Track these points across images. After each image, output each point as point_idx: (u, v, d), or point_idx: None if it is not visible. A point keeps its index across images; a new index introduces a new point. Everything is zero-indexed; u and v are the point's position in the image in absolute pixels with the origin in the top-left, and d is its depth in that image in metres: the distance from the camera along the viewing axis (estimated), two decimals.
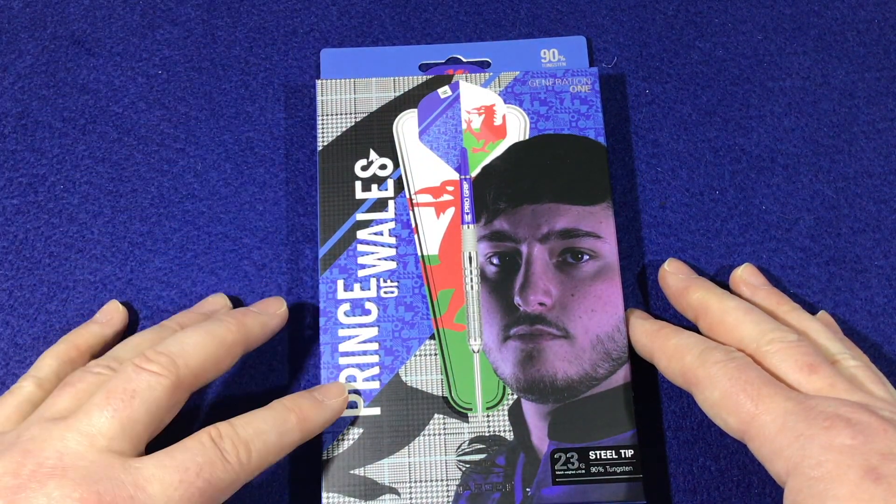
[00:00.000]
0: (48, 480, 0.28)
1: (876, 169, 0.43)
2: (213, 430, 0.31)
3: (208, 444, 0.31)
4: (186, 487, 0.30)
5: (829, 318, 0.38)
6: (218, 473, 0.30)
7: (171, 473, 0.30)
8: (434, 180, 0.40)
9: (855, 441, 0.29)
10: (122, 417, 0.30)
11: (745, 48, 0.45)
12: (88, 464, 0.29)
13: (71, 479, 0.29)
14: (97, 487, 0.29)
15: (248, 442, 0.32)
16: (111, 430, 0.30)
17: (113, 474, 0.29)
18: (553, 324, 0.37)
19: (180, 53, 0.45)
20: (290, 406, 0.34)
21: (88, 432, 0.30)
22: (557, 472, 0.36)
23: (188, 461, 0.30)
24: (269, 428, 0.33)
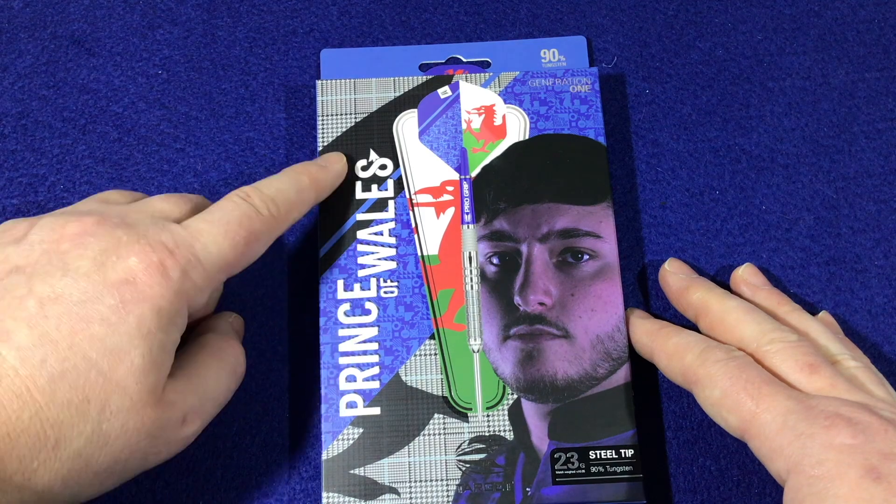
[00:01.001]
0: (116, 229, 0.31)
1: (876, 169, 0.43)
2: (240, 191, 0.35)
3: (241, 202, 0.34)
4: (232, 236, 0.33)
5: (830, 318, 0.38)
6: (255, 224, 0.34)
7: (217, 227, 0.33)
8: (434, 180, 0.40)
9: (855, 440, 0.29)
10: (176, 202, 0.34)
11: (745, 48, 0.45)
12: (149, 223, 0.32)
13: (136, 230, 0.31)
14: (161, 237, 0.31)
15: (273, 197, 0.35)
16: (167, 208, 0.34)
17: (171, 229, 0.32)
18: (553, 323, 0.38)
19: (180, 53, 0.45)
20: (300, 170, 0.37)
21: (145, 209, 0.34)
22: (557, 472, 0.36)
23: (228, 216, 0.33)
24: (288, 187, 0.36)
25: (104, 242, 0.30)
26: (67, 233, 0.31)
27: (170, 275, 0.30)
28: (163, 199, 0.34)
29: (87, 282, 0.29)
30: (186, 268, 0.31)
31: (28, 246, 0.30)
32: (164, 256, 0.31)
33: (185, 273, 0.31)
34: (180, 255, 0.31)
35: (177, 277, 0.31)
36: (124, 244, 0.30)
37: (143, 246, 0.31)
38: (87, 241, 0.30)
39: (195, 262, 0.32)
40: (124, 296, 0.29)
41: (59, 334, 0.28)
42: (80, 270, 0.29)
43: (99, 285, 0.29)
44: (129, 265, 0.30)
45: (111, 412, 0.29)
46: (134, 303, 0.29)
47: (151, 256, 0.30)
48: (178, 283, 0.31)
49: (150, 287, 0.30)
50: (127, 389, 0.29)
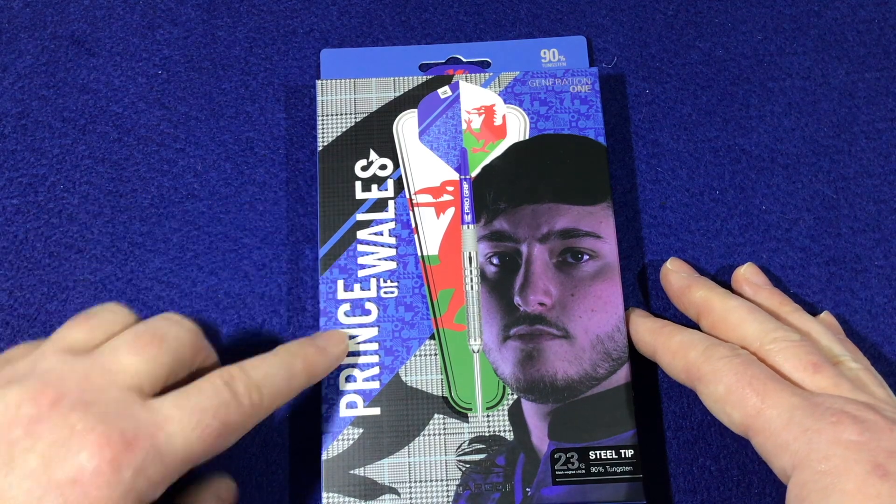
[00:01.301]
0: (70, 413, 0.28)
1: (876, 169, 0.43)
2: (225, 372, 0.31)
3: (221, 387, 0.31)
4: (203, 428, 0.30)
5: (831, 318, 0.38)
6: (232, 415, 0.30)
7: (188, 415, 0.29)
8: (434, 180, 0.40)
9: (862, 437, 0.29)
10: (149, 358, 0.30)
11: (745, 48, 0.45)
12: (110, 400, 0.29)
13: (94, 414, 0.28)
14: (120, 425, 0.28)
15: (260, 385, 0.32)
16: (136, 370, 0.30)
17: (134, 413, 0.29)
18: (553, 324, 0.38)
19: (180, 53, 0.45)
20: (295, 352, 0.34)
21: (112, 369, 0.30)
22: (557, 472, 0.36)
23: (204, 402, 0.30)
24: (278, 372, 0.33)
25: (56, 433, 0.28)
26: (21, 415, 0.28)
27: (121, 474, 0.27)
28: (132, 346, 0.30)
29: (32, 482, 0.27)
30: (143, 464, 0.28)
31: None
32: (118, 451, 0.28)
33: (139, 471, 0.28)
34: (138, 448, 0.28)
35: (128, 477, 0.28)
36: (77, 434, 0.27)
37: (97, 437, 0.28)
38: (38, 430, 0.28)
39: (154, 457, 0.28)
40: (68, 499, 0.27)
41: None
42: (27, 467, 0.27)
43: (43, 486, 0.27)
44: (79, 462, 0.27)
45: None
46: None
47: (104, 452, 0.27)
48: (129, 482, 0.28)
49: (98, 489, 0.27)
50: None
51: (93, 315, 0.32)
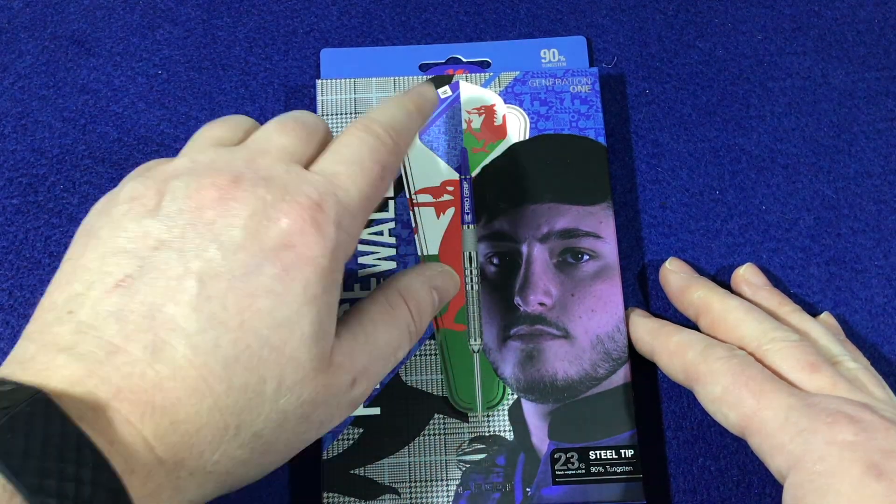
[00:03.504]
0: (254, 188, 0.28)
1: (876, 169, 0.43)
2: (359, 123, 0.32)
3: (364, 135, 0.31)
4: (368, 173, 0.30)
5: (831, 319, 0.38)
6: (384, 155, 0.31)
7: (350, 166, 0.30)
8: (434, 180, 0.40)
9: (858, 438, 0.29)
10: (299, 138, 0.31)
11: (745, 48, 0.45)
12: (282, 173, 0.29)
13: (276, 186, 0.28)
14: (304, 190, 0.28)
15: (391, 125, 0.32)
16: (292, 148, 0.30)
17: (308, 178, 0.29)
18: (553, 324, 0.38)
19: (180, 53, 0.45)
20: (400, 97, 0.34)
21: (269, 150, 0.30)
22: (557, 472, 0.36)
23: (358, 152, 0.30)
24: (399, 112, 0.33)
25: (249, 206, 0.27)
26: (206, 199, 0.27)
27: (325, 231, 0.28)
28: (280, 131, 0.31)
29: (245, 253, 0.27)
30: (338, 218, 0.28)
31: (167, 218, 0.27)
32: (314, 212, 0.28)
33: (338, 225, 0.28)
34: (328, 206, 0.28)
35: (332, 233, 0.28)
36: (270, 204, 0.27)
37: (290, 204, 0.28)
38: (230, 206, 0.27)
39: (343, 211, 0.29)
40: (285, 262, 0.27)
41: (227, 314, 0.26)
42: (234, 241, 0.27)
43: (257, 255, 0.27)
44: (283, 228, 0.27)
45: (286, 388, 0.27)
46: (296, 268, 0.27)
47: (303, 214, 0.28)
48: (334, 238, 0.28)
49: (309, 248, 0.27)
50: (300, 361, 0.27)
51: (224, 119, 0.33)
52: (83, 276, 0.27)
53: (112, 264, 0.27)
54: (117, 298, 0.26)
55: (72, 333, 0.25)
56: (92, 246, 0.28)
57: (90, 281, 0.27)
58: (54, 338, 0.26)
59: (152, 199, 0.28)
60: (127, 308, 0.26)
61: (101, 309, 0.26)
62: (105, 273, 0.27)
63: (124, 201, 0.28)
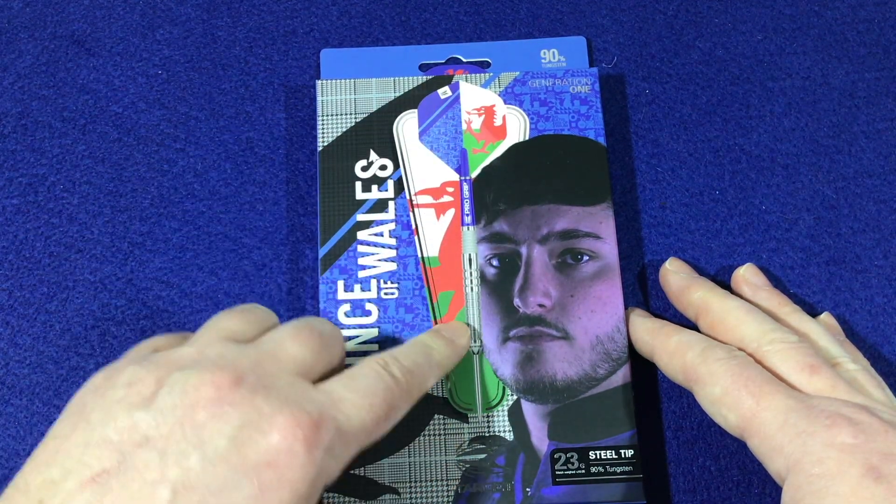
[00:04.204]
0: (253, 396, 0.27)
1: (876, 169, 0.43)
2: (379, 359, 0.32)
3: (382, 371, 0.31)
4: (374, 410, 0.30)
5: (831, 320, 0.38)
6: (395, 398, 0.31)
7: (360, 397, 0.30)
8: (434, 181, 0.40)
9: (856, 440, 0.29)
10: (312, 350, 0.31)
11: (745, 48, 0.45)
12: (286, 385, 0.29)
13: (276, 396, 0.28)
14: (305, 407, 0.28)
15: (411, 370, 0.32)
16: (302, 359, 0.30)
17: (312, 395, 0.29)
18: (552, 325, 0.38)
19: (180, 53, 0.45)
20: (429, 343, 0.35)
21: (279, 357, 0.30)
22: (557, 472, 0.36)
23: (371, 385, 0.30)
24: (421, 360, 0.33)
25: (243, 414, 0.27)
26: (202, 398, 0.27)
27: (312, 455, 0.27)
28: (294, 338, 0.31)
29: (225, 466, 0.26)
30: (331, 444, 0.28)
31: (159, 413, 0.27)
32: (309, 432, 0.27)
33: (328, 450, 0.28)
34: (325, 428, 0.28)
35: (320, 457, 0.27)
36: (266, 417, 0.27)
37: (286, 418, 0.27)
38: (224, 411, 0.27)
39: (338, 437, 0.28)
40: (263, 482, 0.26)
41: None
42: (218, 451, 0.26)
43: (238, 470, 0.26)
44: (271, 444, 0.27)
45: None
46: (273, 490, 0.26)
47: (296, 433, 0.27)
48: (320, 462, 0.27)
49: (292, 470, 0.27)
50: None
51: (244, 310, 0.33)
52: (63, 462, 0.27)
53: (93, 455, 0.26)
54: (90, 494, 0.26)
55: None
56: (81, 429, 0.27)
57: (68, 469, 0.26)
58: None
59: (150, 387, 0.28)
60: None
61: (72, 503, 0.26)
62: (84, 464, 0.26)
63: (122, 385, 0.28)
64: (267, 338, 0.31)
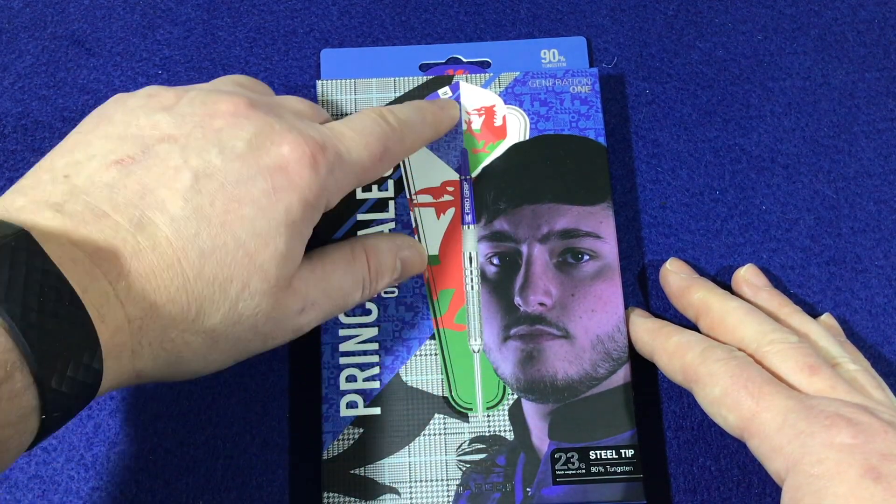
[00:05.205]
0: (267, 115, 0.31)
1: (876, 169, 0.43)
2: (377, 109, 0.35)
3: (378, 119, 0.34)
4: (371, 148, 0.33)
5: (832, 320, 0.38)
6: (390, 142, 0.34)
7: (359, 134, 0.33)
8: (434, 181, 0.40)
9: (856, 440, 0.29)
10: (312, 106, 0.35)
11: (745, 48, 0.45)
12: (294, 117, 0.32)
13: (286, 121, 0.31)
14: (310, 132, 0.31)
15: (406, 121, 0.36)
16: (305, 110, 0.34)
17: (317, 126, 0.32)
18: (553, 324, 0.38)
19: (180, 53, 0.45)
20: (421, 105, 0.38)
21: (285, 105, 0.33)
22: (558, 472, 0.36)
23: (369, 127, 0.34)
24: (415, 116, 0.37)
25: (257, 126, 0.30)
26: (220, 110, 0.30)
27: (319, 169, 0.30)
28: (298, 100, 0.34)
29: (242, 163, 0.29)
30: (333, 165, 0.31)
31: (180, 116, 0.30)
32: (315, 150, 0.31)
33: (331, 170, 0.31)
34: (329, 151, 0.31)
35: (324, 173, 0.31)
36: (277, 132, 0.30)
37: (295, 136, 0.30)
38: (240, 121, 0.30)
39: (340, 161, 0.32)
40: (276, 182, 0.29)
41: (213, 210, 0.28)
42: (235, 150, 0.29)
43: (253, 168, 0.29)
44: (282, 152, 0.30)
45: (249, 293, 0.29)
46: (284, 190, 0.30)
47: (304, 147, 0.30)
48: (324, 178, 0.31)
49: (301, 177, 0.30)
50: (267, 273, 0.29)
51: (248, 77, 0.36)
52: (86, 149, 0.29)
53: (117, 144, 0.29)
54: (115, 173, 0.28)
55: (64, 194, 0.27)
56: (103, 125, 0.30)
57: (92, 154, 0.29)
58: (46, 195, 0.27)
59: (170, 99, 0.31)
60: (121, 183, 0.28)
61: (98, 179, 0.28)
62: (109, 150, 0.29)
63: (142, 96, 0.31)
64: (274, 97, 0.34)
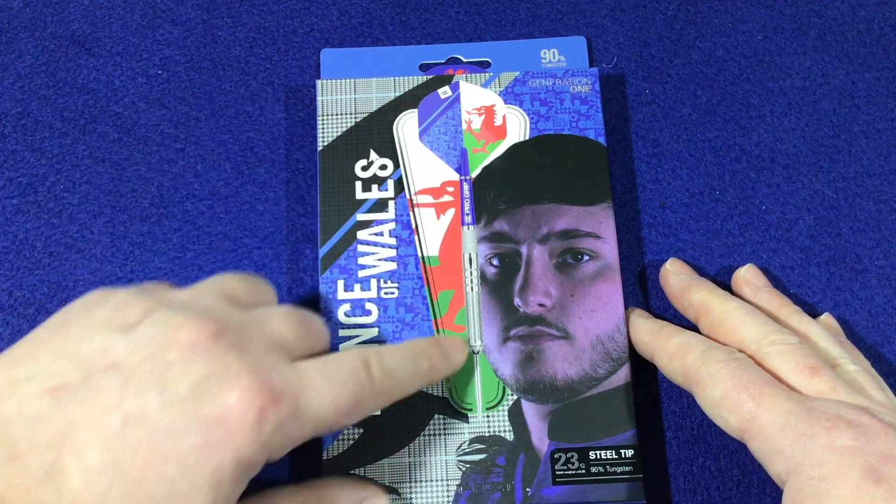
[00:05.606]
0: (228, 352, 0.28)
1: (876, 169, 0.43)
2: (363, 354, 0.31)
3: (360, 367, 0.31)
4: (339, 402, 0.30)
5: (832, 320, 0.38)
6: (365, 396, 0.31)
7: (329, 385, 0.30)
8: (434, 181, 0.40)
9: (856, 442, 0.29)
10: (298, 335, 0.31)
11: (745, 48, 0.45)
12: (263, 352, 0.29)
13: (249, 359, 0.28)
14: (271, 377, 0.28)
15: (391, 373, 0.32)
16: (286, 338, 0.31)
17: (283, 369, 0.29)
18: (553, 324, 0.38)
19: (180, 53, 0.45)
20: (422, 351, 0.34)
21: (265, 328, 0.30)
22: (557, 472, 0.36)
23: (344, 377, 0.30)
24: (407, 366, 0.33)
25: (211, 365, 0.27)
26: (179, 339, 0.28)
27: (264, 425, 0.27)
28: (285, 318, 0.31)
29: (179, 410, 0.27)
30: (284, 420, 0.28)
31: (136, 342, 0.28)
32: (266, 403, 0.27)
33: (279, 426, 0.28)
34: (283, 404, 0.28)
35: (269, 430, 0.27)
36: (232, 374, 0.27)
37: (249, 381, 0.27)
38: (195, 357, 0.27)
39: (293, 416, 0.28)
40: (210, 437, 0.27)
41: (133, 463, 0.26)
42: (177, 394, 0.27)
43: (190, 417, 0.27)
44: (228, 402, 0.27)
45: None
46: (218, 447, 0.27)
47: (254, 398, 0.27)
48: (269, 435, 0.28)
49: (241, 434, 0.27)
50: None
51: (247, 276, 0.34)
52: (32, 366, 0.28)
53: (61, 367, 0.27)
54: (46, 404, 0.26)
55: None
56: (58, 338, 0.28)
57: (34, 375, 0.27)
58: None
59: (136, 315, 0.29)
60: (48, 418, 0.26)
61: (26, 408, 0.26)
62: (50, 374, 0.27)
63: (111, 306, 0.29)
64: (258, 310, 0.31)
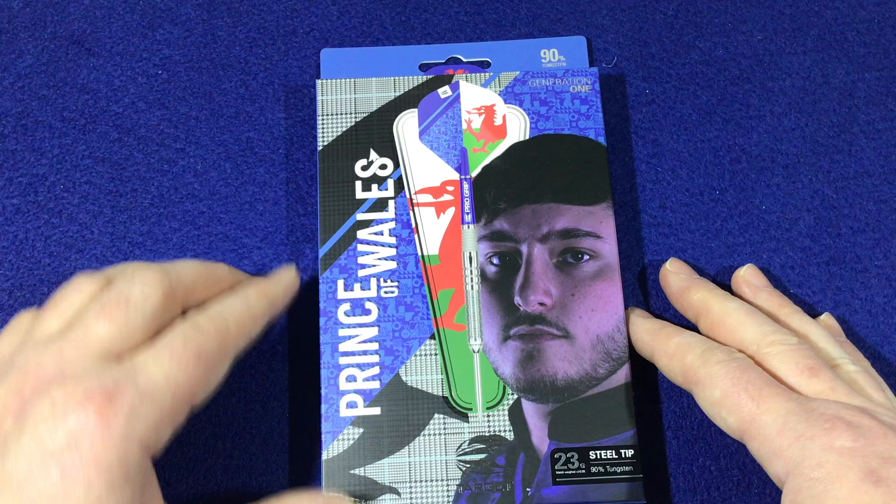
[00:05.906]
0: (49, 390, 0.28)
1: (876, 169, 0.43)
2: (190, 321, 0.32)
3: (183, 324, 0.32)
4: (178, 357, 0.30)
5: (832, 320, 0.38)
6: (202, 343, 0.31)
7: (159, 351, 0.30)
8: (434, 180, 0.40)
9: (856, 443, 0.29)
10: (119, 323, 0.31)
11: (745, 48, 0.45)
12: (86, 367, 0.29)
13: (71, 382, 0.28)
14: (98, 382, 0.28)
15: (220, 313, 0.33)
16: (108, 336, 0.30)
17: (110, 371, 0.29)
18: (553, 324, 0.38)
19: (180, 53, 0.45)
20: (246, 284, 0.36)
21: (84, 341, 0.30)
22: (557, 472, 0.36)
23: (171, 338, 0.31)
24: (233, 301, 0.34)
25: (40, 411, 0.28)
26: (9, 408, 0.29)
27: (112, 425, 0.28)
28: (100, 315, 0.31)
29: (29, 459, 0.27)
30: (133, 408, 0.28)
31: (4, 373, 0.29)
32: (101, 403, 0.28)
33: (131, 415, 0.28)
34: (123, 396, 0.28)
35: (121, 423, 0.28)
36: (59, 404, 0.28)
37: (78, 398, 0.28)
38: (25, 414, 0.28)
39: (142, 399, 0.29)
40: (65, 466, 0.27)
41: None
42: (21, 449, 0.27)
43: (40, 460, 0.27)
44: (70, 428, 0.27)
45: None
46: (78, 470, 0.27)
47: (88, 407, 0.28)
48: (123, 428, 0.28)
49: (93, 446, 0.27)
50: None
51: (60, 299, 0.33)
52: None
53: None
54: None
55: None
56: None
57: None
58: None
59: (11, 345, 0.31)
60: None
61: None
62: None
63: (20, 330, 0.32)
64: (75, 322, 0.31)
